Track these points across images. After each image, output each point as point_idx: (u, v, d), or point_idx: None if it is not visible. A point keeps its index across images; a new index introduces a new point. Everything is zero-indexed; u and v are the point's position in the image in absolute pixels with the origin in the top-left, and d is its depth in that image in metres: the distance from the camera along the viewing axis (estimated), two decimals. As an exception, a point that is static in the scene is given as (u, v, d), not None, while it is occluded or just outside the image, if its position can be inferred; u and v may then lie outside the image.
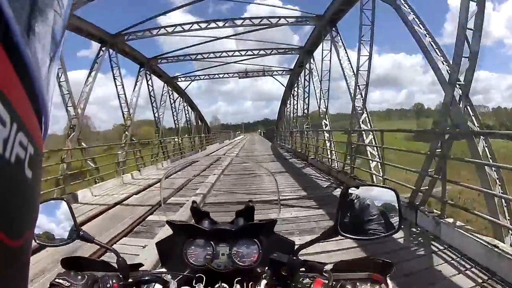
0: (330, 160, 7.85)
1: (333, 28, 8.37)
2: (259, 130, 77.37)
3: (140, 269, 0.77)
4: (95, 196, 6.15)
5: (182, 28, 9.84)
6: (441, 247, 2.80)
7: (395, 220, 0.66)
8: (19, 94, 0.19)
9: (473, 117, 3.44)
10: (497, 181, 3.08)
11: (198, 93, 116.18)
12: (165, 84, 14.93)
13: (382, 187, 0.71)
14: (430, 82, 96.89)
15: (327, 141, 8.46)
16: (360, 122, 6.28)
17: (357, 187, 0.68)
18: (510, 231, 2.71)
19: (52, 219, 0.73)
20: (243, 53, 13.30)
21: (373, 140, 5.89)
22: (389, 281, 0.67)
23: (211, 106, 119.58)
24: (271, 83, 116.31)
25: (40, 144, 0.22)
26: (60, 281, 0.65)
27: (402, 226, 0.65)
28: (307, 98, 12.64)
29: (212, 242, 0.81)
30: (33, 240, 0.70)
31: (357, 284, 0.64)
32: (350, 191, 0.68)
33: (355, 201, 0.67)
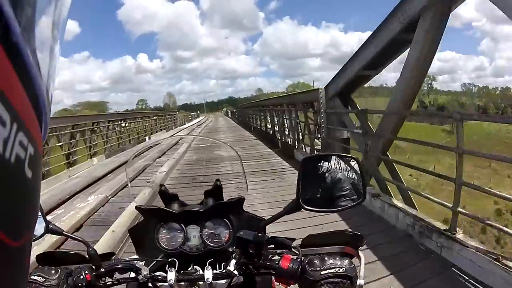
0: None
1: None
2: (225, 109, 69.84)
3: (112, 258, 0.79)
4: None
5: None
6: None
7: (358, 188, 0.68)
8: (19, 94, 0.19)
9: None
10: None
11: (162, 72, 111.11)
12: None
13: (343, 156, 0.73)
14: (397, 60, 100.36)
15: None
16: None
17: (317, 157, 0.71)
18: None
19: None
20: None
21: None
22: (361, 254, 0.70)
23: (175, 85, 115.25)
24: (234, 61, 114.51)
25: (40, 144, 0.23)
26: (36, 277, 0.68)
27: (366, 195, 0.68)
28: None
29: (182, 225, 0.84)
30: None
31: (326, 258, 0.66)
32: (310, 161, 0.71)
33: (316, 171, 0.69)
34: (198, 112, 63.37)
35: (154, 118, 17.66)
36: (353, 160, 0.71)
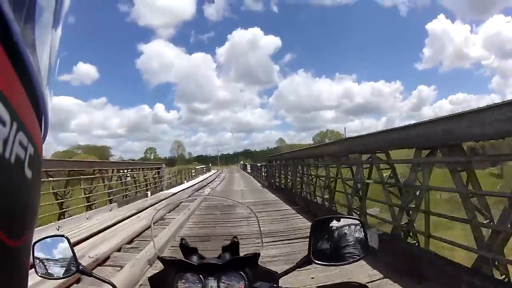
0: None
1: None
2: (241, 162, 65.04)
3: None
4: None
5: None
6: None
7: (361, 245, 0.82)
8: (19, 94, 0.20)
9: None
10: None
11: (178, 124, 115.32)
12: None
13: (348, 217, 0.88)
14: (409, 107, 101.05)
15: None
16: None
17: (326, 219, 0.86)
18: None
19: (54, 254, 0.87)
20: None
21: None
22: None
23: (191, 137, 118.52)
24: (250, 115, 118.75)
25: (40, 144, 0.24)
26: None
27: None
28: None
29: (201, 276, 0.92)
30: (36, 273, 0.78)
31: None
32: (319, 222, 0.85)
33: (324, 230, 0.83)
34: (210, 164, 56.07)
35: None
36: (357, 221, 0.85)
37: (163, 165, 16.75)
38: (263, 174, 18.84)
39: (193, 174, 27.26)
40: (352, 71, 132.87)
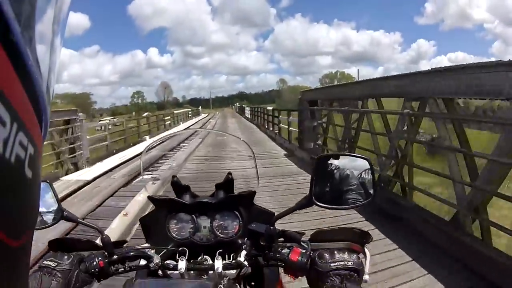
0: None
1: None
2: (237, 104, 58.59)
3: (124, 245, 0.86)
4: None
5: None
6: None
7: (369, 188, 0.74)
8: (19, 94, 0.20)
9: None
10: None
11: (172, 67, 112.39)
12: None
13: (355, 156, 0.79)
14: (407, 60, 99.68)
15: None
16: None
17: (331, 156, 0.78)
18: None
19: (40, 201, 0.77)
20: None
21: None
22: (366, 251, 0.75)
23: (185, 80, 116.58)
24: (245, 58, 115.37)
25: (40, 144, 0.24)
26: (48, 262, 0.73)
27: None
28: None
29: (193, 216, 0.91)
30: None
31: (335, 252, 0.72)
32: (323, 160, 0.78)
33: (329, 170, 0.75)
34: (200, 108, 46.54)
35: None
36: (364, 160, 0.77)
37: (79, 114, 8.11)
38: (275, 126, 11.54)
39: (172, 120, 20.09)
40: (351, 18, 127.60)
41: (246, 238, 0.85)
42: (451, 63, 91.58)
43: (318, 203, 0.71)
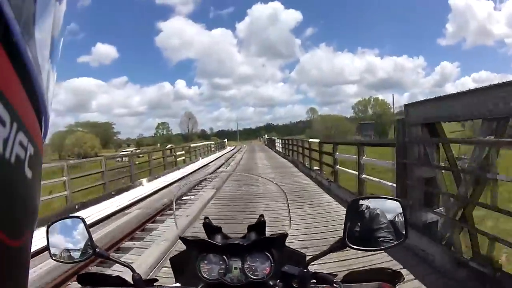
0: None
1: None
2: (265, 136, 53.33)
3: (155, 284, 0.89)
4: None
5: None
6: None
7: (401, 229, 0.76)
8: (19, 94, 0.20)
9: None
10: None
11: (200, 99, 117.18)
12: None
13: (387, 198, 0.81)
14: (432, 84, 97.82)
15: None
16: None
17: (364, 199, 0.80)
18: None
19: (69, 237, 0.86)
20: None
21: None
22: None
23: (213, 112, 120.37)
24: (272, 89, 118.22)
25: (40, 144, 0.24)
26: None
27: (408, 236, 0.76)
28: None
29: (224, 257, 0.92)
30: (50, 257, 0.78)
31: None
32: (356, 202, 0.79)
33: (362, 212, 0.78)
34: (225, 140, 45.30)
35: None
36: (396, 202, 0.79)
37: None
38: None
39: (180, 159, 16.46)
40: (374, 45, 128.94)
41: (278, 280, 0.85)
42: (475, 84, 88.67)
43: (352, 246, 0.74)
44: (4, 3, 0.18)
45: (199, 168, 15.26)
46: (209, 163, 17.84)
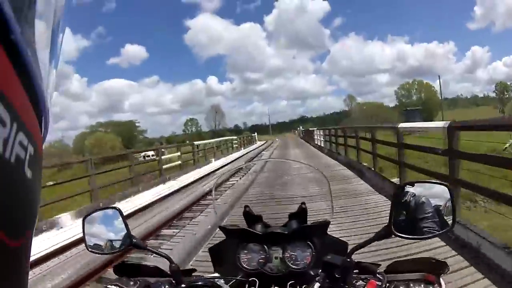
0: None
1: None
2: (300, 128, 47.37)
3: (193, 274, 0.89)
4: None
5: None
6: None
7: (449, 216, 0.72)
8: (19, 94, 0.21)
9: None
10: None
11: (233, 95, 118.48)
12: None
13: (435, 183, 0.78)
14: (463, 69, 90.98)
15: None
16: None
17: (411, 185, 0.77)
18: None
19: (106, 227, 0.88)
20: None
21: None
22: (442, 281, 0.74)
23: (246, 106, 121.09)
24: (303, 81, 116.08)
25: (40, 144, 0.25)
26: (113, 287, 0.77)
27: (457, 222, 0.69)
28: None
29: (265, 246, 0.92)
30: (86, 248, 0.81)
31: (411, 285, 0.72)
32: (402, 189, 0.77)
33: (409, 199, 0.75)
34: (255, 134, 41.17)
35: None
36: (444, 186, 0.75)
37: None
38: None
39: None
40: (404, 33, 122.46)
41: (320, 270, 0.83)
42: (507, 68, 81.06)
43: (398, 234, 0.72)
44: (4, 3, 0.18)
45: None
46: (219, 168, 12.97)
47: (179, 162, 12.26)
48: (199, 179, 10.50)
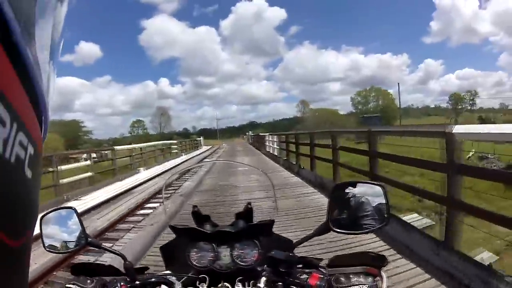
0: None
1: None
2: (250, 133, 45.55)
3: (146, 272, 0.92)
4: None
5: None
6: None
7: (383, 213, 0.80)
8: (19, 94, 0.21)
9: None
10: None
11: (183, 98, 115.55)
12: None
13: (370, 183, 0.85)
14: (416, 81, 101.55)
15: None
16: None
17: (346, 184, 0.85)
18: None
19: (61, 227, 0.89)
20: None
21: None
22: (383, 274, 0.79)
23: (197, 110, 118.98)
24: (255, 87, 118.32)
25: (40, 144, 0.25)
26: (71, 286, 0.79)
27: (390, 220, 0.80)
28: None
29: (214, 244, 0.95)
30: (44, 248, 0.78)
31: (351, 276, 0.77)
32: (339, 188, 0.85)
33: (345, 197, 0.83)
34: (201, 138, 39.55)
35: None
36: (379, 186, 0.83)
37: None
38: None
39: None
40: (358, 44, 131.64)
41: (265, 265, 0.88)
42: (459, 81, 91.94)
43: (335, 229, 0.80)
44: (4, 3, 0.18)
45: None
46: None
47: (89, 173, 9.29)
48: (114, 197, 7.62)
